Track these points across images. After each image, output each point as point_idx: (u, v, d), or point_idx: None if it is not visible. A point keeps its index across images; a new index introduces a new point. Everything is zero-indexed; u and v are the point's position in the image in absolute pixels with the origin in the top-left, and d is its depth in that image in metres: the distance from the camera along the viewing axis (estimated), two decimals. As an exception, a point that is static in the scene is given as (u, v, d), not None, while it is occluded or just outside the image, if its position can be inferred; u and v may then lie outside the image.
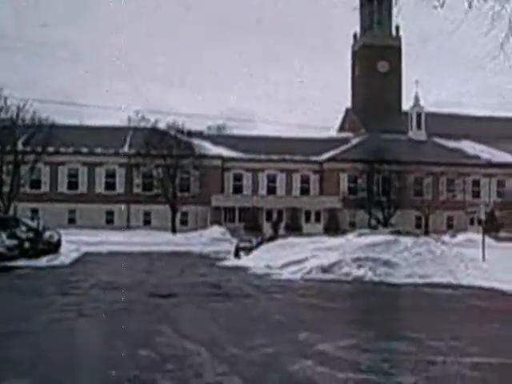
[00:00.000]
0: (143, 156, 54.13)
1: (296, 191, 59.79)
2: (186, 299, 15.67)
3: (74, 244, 32.97)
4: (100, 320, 12.37)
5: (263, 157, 59.23)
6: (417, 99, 68.09)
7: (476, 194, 60.99)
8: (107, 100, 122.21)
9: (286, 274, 21.62)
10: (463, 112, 76.69)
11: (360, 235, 31.38)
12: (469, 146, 65.51)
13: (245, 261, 26.19)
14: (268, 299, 16.00)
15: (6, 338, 10.26)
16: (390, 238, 23.41)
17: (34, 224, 28.50)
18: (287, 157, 59.49)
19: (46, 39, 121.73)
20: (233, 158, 59.03)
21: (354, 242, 24.11)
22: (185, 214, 56.17)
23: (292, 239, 27.53)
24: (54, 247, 26.84)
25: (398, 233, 36.55)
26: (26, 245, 24.95)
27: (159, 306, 14.30)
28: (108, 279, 19.86)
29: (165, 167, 53.78)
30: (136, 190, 56.71)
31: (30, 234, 25.76)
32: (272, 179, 59.70)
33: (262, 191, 59.22)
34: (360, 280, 20.29)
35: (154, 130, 54.48)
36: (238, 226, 52.90)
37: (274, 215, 55.83)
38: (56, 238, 27.76)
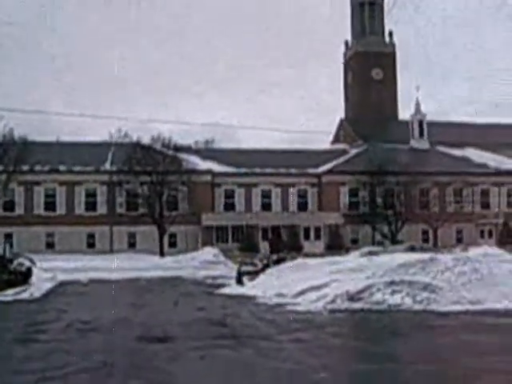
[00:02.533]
0: (126, 173, 51.73)
1: (293, 207, 57.10)
2: (185, 345, 12.07)
3: (49, 272, 29.27)
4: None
5: (256, 171, 56.81)
6: (418, 106, 65.95)
7: (485, 205, 58.51)
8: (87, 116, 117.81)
9: (304, 304, 17.98)
10: (463, 120, 74.01)
11: (370, 253, 28.51)
12: (474, 154, 63.17)
13: (250, 288, 22.85)
14: (292, 342, 12.32)
15: None
16: (426, 256, 19.83)
17: (0, 250, 24.58)
18: (282, 170, 57.06)
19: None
20: (223, 172, 56.47)
21: (380, 263, 20.66)
22: (173, 235, 53.34)
23: (304, 260, 24.13)
24: (23, 277, 22.89)
25: (413, 248, 33.36)
26: (-12, 276, 20.98)
27: (151, 358, 10.55)
28: (85, 317, 16.06)
29: (150, 184, 51.58)
30: (119, 210, 53.85)
31: (-6, 263, 21.79)
32: (266, 194, 57.07)
33: (256, 208, 56.56)
34: (397, 309, 17.01)
35: (137, 145, 52.52)
36: (231, 247, 50.10)
37: (270, 233, 53.04)
38: (26, 266, 23.84)
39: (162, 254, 49.55)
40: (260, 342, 12.59)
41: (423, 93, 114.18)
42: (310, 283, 19.87)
